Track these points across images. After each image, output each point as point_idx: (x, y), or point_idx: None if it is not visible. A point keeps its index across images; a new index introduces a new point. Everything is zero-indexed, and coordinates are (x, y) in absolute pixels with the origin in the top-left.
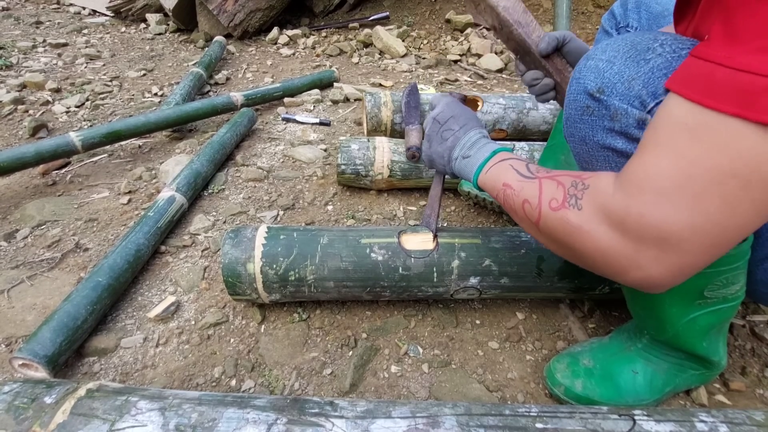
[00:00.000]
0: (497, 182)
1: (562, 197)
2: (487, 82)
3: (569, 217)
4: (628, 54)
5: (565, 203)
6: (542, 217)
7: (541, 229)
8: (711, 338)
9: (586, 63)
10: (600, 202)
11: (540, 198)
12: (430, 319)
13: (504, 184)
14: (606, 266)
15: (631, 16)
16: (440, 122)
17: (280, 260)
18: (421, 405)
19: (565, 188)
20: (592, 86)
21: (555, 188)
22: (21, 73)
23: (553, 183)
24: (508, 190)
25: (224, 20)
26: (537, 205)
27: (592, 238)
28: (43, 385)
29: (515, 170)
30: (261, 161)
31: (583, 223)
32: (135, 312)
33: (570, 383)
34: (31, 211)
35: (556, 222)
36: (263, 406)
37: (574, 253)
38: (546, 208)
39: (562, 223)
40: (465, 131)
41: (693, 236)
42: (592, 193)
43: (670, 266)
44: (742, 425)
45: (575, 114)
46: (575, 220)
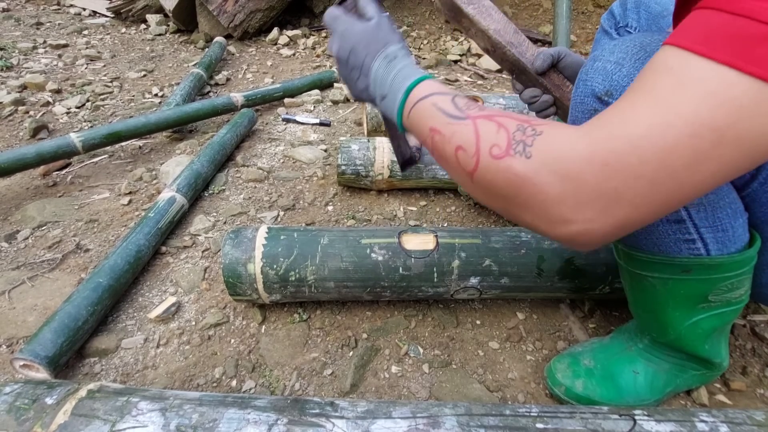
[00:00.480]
0: (423, 128)
1: (505, 143)
2: (487, 82)
3: (514, 165)
4: (637, 56)
5: (510, 150)
6: (480, 166)
7: (477, 179)
8: (713, 340)
9: (594, 64)
10: (555, 149)
11: (478, 144)
12: (430, 319)
13: (431, 129)
14: (544, 219)
15: (631, 15)
16: (344, 60)
17: (281, 261)
18: (421, 405)
19: (509, 132)
20: (599, 89)
21: (495, 131)
22: (21, 74)
23: (491, 124)
24: (436, 136)
25: (224, 21)
26: (474, 152)
27: (540, 189)
28: (44, 386)
29: (441, 110)
30: (261, 162)
31: (530, 173)
32: (136, 313)
33: (570, 383)
34: (32, 212)
35: (498, 172)
36: (264, 407)
37: (511, 206)
38: (486, 156)
39: (505, 173)
40: (369, 62)
41: (651, 191)
42: (545, 140)
43: (613, 222)
44: (743, 425)
45: (582, 117)
46: (521, 170)
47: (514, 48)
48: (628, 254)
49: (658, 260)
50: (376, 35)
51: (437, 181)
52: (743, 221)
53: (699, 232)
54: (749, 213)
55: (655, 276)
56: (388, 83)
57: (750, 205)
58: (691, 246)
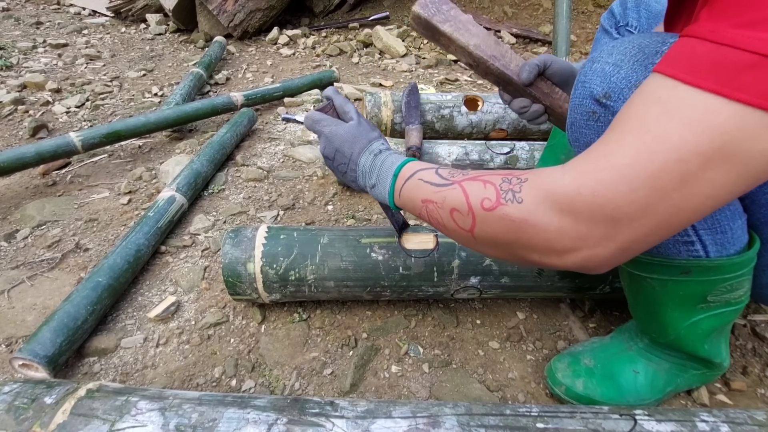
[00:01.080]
0: (415, 202)
1: (494, 195)
2: (486, 82)
3: (509, 212)
4: (636, 58)
5: (500, 200)
6: (477, 221)
7: (478, 235)
8: (713, 341)
9: (592, 66)
10: (544, 188)
11: (469, 202)
12: (430, 318)
13: (423, 201)
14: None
15: (631, 15)
16: (331, 158)
17: (281, 260)
18: (421, 405)
19: (495, 186)
20: (598, 91)
21: (482, 188)
22: (21, 74)
23: (477, 183)
24: (430, 206)
25: (224, 20)
26: (468, 210)
27: (539, 228)
28: (43, 386)
29: (428, 183)
30: (261, 161)
31: (526, 214)
32: (135, 312)
33: (571, 383)
34: (32, 212)
35: (495, 222)
36: (263, 406)
37: (516, 250)
38: (480, 211)
39: (502, 221)
40: (356, 159)
41: (646, 215)
42: (532, 184)
43: (617, 246)
44: (744, 425)
45: (580, 119)
46: (517, 214)
47: (497, 61)
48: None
49: (657, 262)
50: (359, 134)
51: None
52: (742, 223)
53: (698, 234)
54: (748, 214)
55: (654, 277)
56: (376, 173)
57: (749, 206)
58: (690, 248)
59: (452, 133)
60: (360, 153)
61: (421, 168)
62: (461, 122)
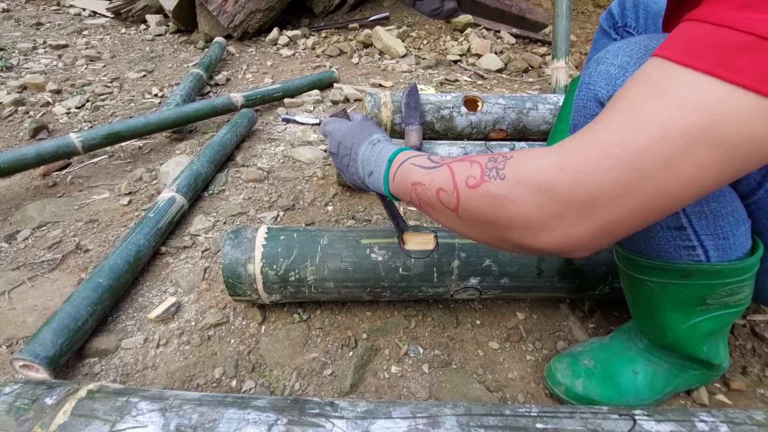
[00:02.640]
0: (406, 186)
1: (479, 173)
2: (487, 82)
3: (491, 188)
4: (642, 60)
5: (484, 177)
6: (461, 199)
7: (462, 213)
8: (711, 342)
9: (597, 67)
10: (527, 165)
11: (454, 180)
12: (430, 319)
13: (413, 183)
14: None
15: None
16: (335, 153)
17: (281, 261)
18: (421, 405)
19: (481, 164)
20: (603, 93)
21: (469, 167)
22: (21, 75)
23: (465, 164)
24: (418, 188)
25: (224, 21)
26: (453, 189)
27: (518, 204)
28: (43, 386)
29: (418, 166)
30: (261, 162)
31: (507, 190)
32: (135, 313)
33: (570, 383)
34: (32, 213)
35: (477, 199)
36: (264, 407)
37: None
38: (464, 189)
39: (484, 197)
40: (356, 148)
41: (627, 196)
42: (517, 161)
43: (596, 226)
44: (743, 425)
45: (584, 122)
46: (498, 190)
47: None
48: (627, 258)
49: (658, 265)
50: (362, 128)
51: None
52: (746, 229)
53: (699, 239)
54: (753, 221)
55: (654, 280)
56: (373, 161)
57: (755, 212)
58: (691, 252)
59: (452, 133)
60: (360, 143)
61: (414, 154)
62: (461, 123)
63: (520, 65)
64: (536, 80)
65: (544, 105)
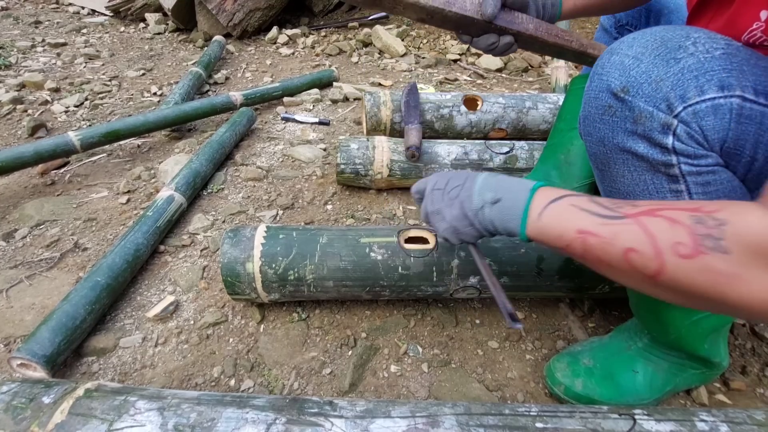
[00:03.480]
0: (566, 230)
1: (690, 240)
2: (486, 82)
3: (715, 264)
4: (657, 51)
5: (700, 247)
6: (668, 268)
7: (663, 282)
8: (712, 340)
9: (611, 58)
10: (756, 238)
11: (656, 244)
12: (429, 318)
13: (579, 231)
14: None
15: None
16: (441, 188)
17: (280, 260)
18: (420, 404)
19: (687, 227)
20: (616, 85)
21: (670, 228)
22: (20, 73)
23: (661, 221)
24: (590, 239)
25: (223, 20)
26: (654, 254)
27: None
28: (41, 385)
29: (587, 211)
30: (260, 161)
31: (737, 269)
32: (134, 312)
33: (570, 382)
34: (30, 211)
35: (695, 273)
36: (262, 406)
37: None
38: (672, 257)
39: (704, 272)
40: (474, 178)
41: None
42: (737, 230)
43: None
44: (743, 425)
45: (595, 113)
46: (725, 267)
47: (453, 6)
48: None
49: None
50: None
51: None
52: None
53: None
54: None
55: None
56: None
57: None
58: None
59: (452, 132)
60: (477, 175)
61: (568, 193)
62: (460, 122)
63: (519, 65)
64: (536, 79)
65: (543, 104)
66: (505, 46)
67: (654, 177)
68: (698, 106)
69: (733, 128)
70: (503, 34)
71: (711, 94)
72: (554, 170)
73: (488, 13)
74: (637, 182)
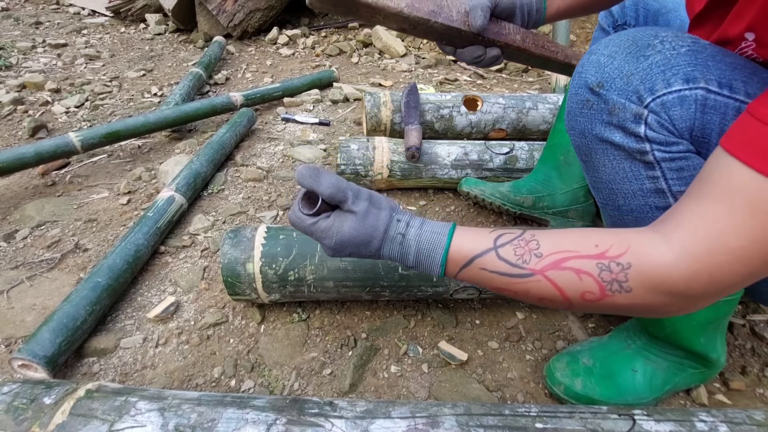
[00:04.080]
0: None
1: (597, 288)
2: (486, 82)
3: (618, 301)
4: (629, 50)
5: (606, 293)
6: (577, 307)
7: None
8: (708, 334)
9: (589, 58)
10: (656, 278)
11: (565, 295)
12: (429, 319)
13: (497, 288)
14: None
15: (629, 14)
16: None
17: (280, 260)
18: (420, 405)
19: (594, 278)
20: (592, 80)
21: (577, 280)
22: (20, 74)
23: (569, 274)
24: (507, 292)
25: (224, 20)
26: (564, 301)
27: (649, 306)
28: (42, 386)
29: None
30: (260, 161)
31: (638, 300)
32: (134, 312)
33: (570, 382)
34: (31, 212)
35: (600, 307)
36: (262, 407)
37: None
38: (580, 301)
39: (610, 306)
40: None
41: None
42: (641, 271)
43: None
44: (742, 425)
45: (576, 107)
46: (627, 302)
47: (439, 16)
48: None
49: None
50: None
51: (437, 181)
52: None
53: None
54: None
55: None
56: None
57: None
58: None
59: (452, 133)
60: (380, 247)
61: (477, 253)
62: (460, 122)
63: (519, 65)
64: (536, 80)
65: (543, 104)
66: (491, 58)
67: (632, 165)
68: (666, 97)
69: (699, 117)
70: (490, 46)
71: (677, 86)
72: (554, 171)
73: (477, 24)
74: (617, 170)
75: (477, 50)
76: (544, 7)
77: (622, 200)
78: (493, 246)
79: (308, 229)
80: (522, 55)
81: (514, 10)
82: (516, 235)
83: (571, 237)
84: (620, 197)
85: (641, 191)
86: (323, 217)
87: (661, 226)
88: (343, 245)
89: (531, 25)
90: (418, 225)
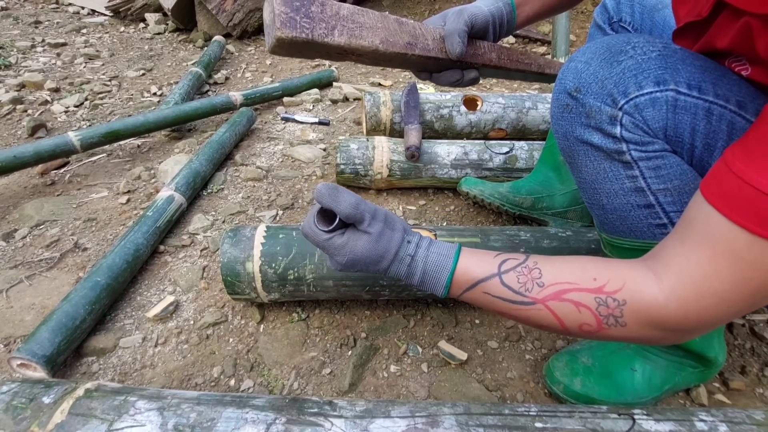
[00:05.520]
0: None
1: (594, 321)
2: (486, 82)
3: (613, 334)
4: (603, 56)
5: (602, 326)
6: (574, 335)
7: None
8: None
9: (568, 65)
10: (649, 316)
11: (564, 325)
12: (429, 318)
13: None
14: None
15: (624, 10)
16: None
17: (279, 259)
18: (420, 404)
19: (592, 311)
20: (570, 86)
21: (576, 312)
22: (20, 73)
23: (568, 306)
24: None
25: (223, 20)
26: (563, 329)
27: (640, 338)
28: (41, 385)
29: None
30: (260, 161)
31: (630, 333)
32: (134, 312)
33: (569, 381)
34: (30, 211)
35: (598, 337)
36: (262, 406)
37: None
38: (578, 332)
39: (605, 337)
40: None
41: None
42: (635, 309)
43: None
44: (742, 424)
45: (557, 111)
46: (621, 334)
47: (416, 48)
48: (611, 243)
49: (637, 246)
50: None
51: (436, 180)
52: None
53: (668, 216)
54: None
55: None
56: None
57: None
58: (663, 230)
59: (451, 132)
60: (389, 267)
61: (481, 278)
62: (460, 122)
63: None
64: None
65: (543, 104)
66: (469, 81)
67: (611, 165)
68: (638, 99)
69: (671, 118)
70: (467, 68)
71: (648, 88)
72: (553, 172)
73: (456, 52)
74: (598, 171)
75: (455, 74)
76: (514, 17)
77: (606, 199)
78: (497, 272)
79: (322, 244)
80: (499, 72)
81: (487, 27)
82: (519, 261)
83: (571, 268)
84: (603, 197)
85: (622, 190)
86: (338, 234)
87: (653, 263)
88: (354, 263)
89: (502, 36)
90: (425, 246)
